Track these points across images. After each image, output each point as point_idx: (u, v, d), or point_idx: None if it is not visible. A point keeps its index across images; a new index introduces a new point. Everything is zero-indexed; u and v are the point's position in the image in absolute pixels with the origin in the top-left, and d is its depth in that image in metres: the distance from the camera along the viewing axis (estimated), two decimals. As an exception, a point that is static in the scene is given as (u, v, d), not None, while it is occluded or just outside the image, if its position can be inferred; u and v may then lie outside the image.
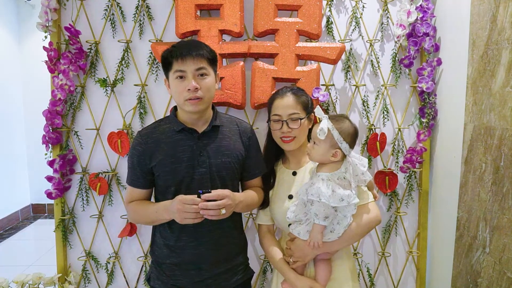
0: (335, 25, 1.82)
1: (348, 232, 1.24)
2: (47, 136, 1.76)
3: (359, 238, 1.33)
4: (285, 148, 1.40)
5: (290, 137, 1.35)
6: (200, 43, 1.30)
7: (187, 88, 1.23)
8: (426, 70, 1.76)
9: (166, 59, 1.26)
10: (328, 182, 1.19)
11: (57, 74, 1.74)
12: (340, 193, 1.17)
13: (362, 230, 1.27)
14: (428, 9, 1.73)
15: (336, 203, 1.17)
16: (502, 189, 1.24)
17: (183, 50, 1.23)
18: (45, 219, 4.45)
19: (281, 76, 1.71)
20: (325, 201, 1.15)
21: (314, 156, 1.25)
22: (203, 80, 1.26)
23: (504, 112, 1.25)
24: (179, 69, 1.24)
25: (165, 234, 1.33)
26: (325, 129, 1.18)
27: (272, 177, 1.45)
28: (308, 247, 1.24)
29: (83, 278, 1.88)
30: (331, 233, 1.23)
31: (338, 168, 1.23)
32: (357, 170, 1.26)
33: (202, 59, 1.25)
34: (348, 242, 1.28)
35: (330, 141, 1.21)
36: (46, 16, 1.69)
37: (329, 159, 1.23)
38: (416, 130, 1.87)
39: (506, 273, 1.21)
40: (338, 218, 1.22)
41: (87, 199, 1.86)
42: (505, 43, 1.25)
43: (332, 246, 1.26)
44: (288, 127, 1.34)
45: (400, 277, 1.95)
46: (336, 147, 1.22)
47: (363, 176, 1.27)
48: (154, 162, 1.30)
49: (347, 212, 1.21)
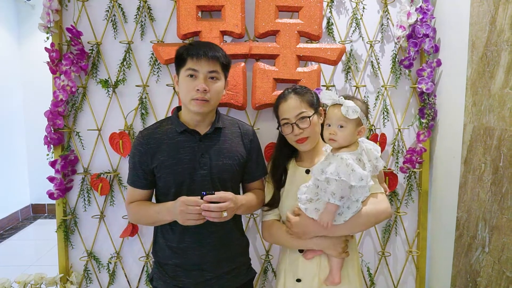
0: (335, 26, 1.83)
1: (355, 219, 1.23)
2: (49, 136, 1.76)
3: (364, 227, 1.29)
4: (302, 149, 1.38)
5: (303, 138, 1.33)
6: (217, 47, 1.30)
7: (196, 88, 1.23)
8: (426, 71, 1.77)
9: (182, 55, 1.26)
10: (348, 161, 1.17)
11: (58, 75, 1.74)
12: (360, 172, 1.15)
13: (369, 220, 1.25)
14: (428, 10, 1.75)
15: (356, 181, 1.14)
16: (501, 189, 1.26)
17: (200, 50, 1.24)
18: (45, 219, 4.45)
19: (282, 77, 1.72)
20: (345, 179, 1.14)
21: (343, 139, 1.21)
22: (213, 83, 1.26)
23: (503, 113, 1.26)
24: (192, 68, 1.24)
25: (167, 235, 1.33)
26: (355, 107, 1.17)
27: (283, 176, 1.42)
28: (313, 225, 1.23)
29: (84, 278, 1.89)
30: (339, 216, 1.22)
31: (355, 149, 1.22)
32: (370, 155, 1.25)
33: (216, 63, 1.26)
34: (353, 230, 1.27)
35: (355, 120, 1.21)
36: (48, 17, 1.69)
37: (355, 138, 1.23)
38: (416, 131, 1.88)
39: (505, 272, 1.22)
40: (349, 201, 1.21)
41: (89, 200, 1.86)
42: (504, 45, 1.26)
43: (336, 231, 1.25)
44: (299, 128, 1.32)
45: (400, 276, 1.96)
46: (361, 124, 1.22)
47: (376, 161, 1.26)
48: (155, 162, 1.30)
49: (359, 195, 1.20)
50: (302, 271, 1.33)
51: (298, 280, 1.33)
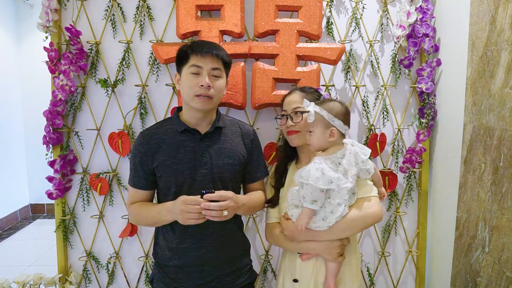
0: (335, 25, 1.83)
1: (340, 224, 1.21)
2: (48, 136, 1.75)
3: (351, 232, 1.25)
4: (292, 143, 1.40)
5: (294, 131, 1.36)
6: (219, 46, 1.32)
7: (200, 84, 1.24)
8: (425, 71, 1.77)
9: (185, 52, 1.27)
10: (318, 165, 1.17)
11: (57, 74, 1.74)
12: (330, 175, 1.15)
13: (355, 224, 1.22)
14: (427, 10, 1.74)
15: (324, 185, 1.14)
16: (501, 189, 1.25)
17: (204, 47, 1.25)
18: (44, 219, 4.44)
19: (282, 76, 1.71)
20: (312, 182, 1.14)
21: (314, 143, 1.25)
22: (216, 80, 1.28)
23: (503, 113, 1.26)
24: (197, 64, 1.25)
25: (168, 236, 1.32)
26: (312, 111, 1.20)
27: (284, 176, 1.44)
28: (298, 230, 1.23)
29: (84, 278, 1.88)
30: (323, 221, 1.21)
31: (334, 153, 1.22)
32: (357, 158, 1.24)
33: (219, 60, 1.28)
34: (339, 234, 1.23)
35: (322, 123, 1.22)
36: (47, 16, 1.69)
37: (327, 141, 1.23)
38: (416, 131, 1.88)
39: (505, 272, 1.22)
40: (331, 206, 1.20)
41: (88, 200, 1.86)
42: (504, 44, 1.26)
43: (321, 236, 1.23)
44: (292, 121, 1.36)
45: (399, 276, 1.96)
46: (330, 126, 1.22)
47: (363, 165, 1.24)
48: (156, 163, 1.29)
49: (339, 198, 1.18)
50: (299, 271, 1.34)
51: (295, 280, 1.34)
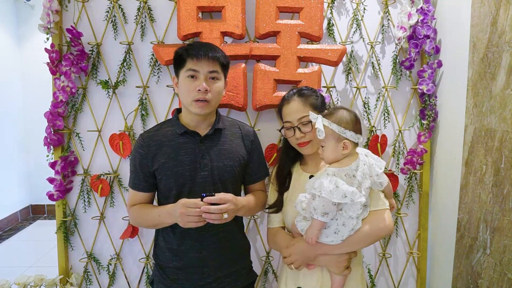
0: (336, 27, 1.83)
1: (353, 237, 1.18)
2: (49, 137, 1.75)
3: (364, 245, 1.24)
4: (304, 153, 1.35)
5: (305, 142, 1.30)
6: (216, 47, 1.29)
7: (198, 89, 1.23)
8: (426, 72, 1.77)
9: (181, 56, 1.26)
10: (332, 177, 1.14)
11: (58, 75, 1.74)
12: (344, 189, 1.11)
13: (369, 238, 1.20)
14: (428, 11, 1.74)
15: (338, 199, 1.11)
16: (503, 191, 1.25)
17: (200, 50, 1.23)
18: (45, 220, 4.44)
19: (283, 78, 1.71)
20: (326, 195, 1.10)
21: (327, 157, 1.21)
22: (214, 83, 1.26)
23: (504, 115, 1.26)
24: (193, 68, 1.23)
25: (168, 238, 1.32)
26: (321, 127, 1.16)
27: (288, 179, 1.38)
28: (309, 248, 1.20)
29: (84, 280, 1.88)
30: (335, 235, 1.18)
31: (348, 165, 1.18)
32: (372, 171, 1.21)
33: (216, 63, 1.25)
34: (351, 248, 1.21)
35: (333, 137, 1.18)
36: (48, 18, 1.69)
37: (341, 154, 1.19)
38: (417, 132, 1.88)
39: (507, 274, 1.22)
40: (343, 218, 1.17)
41: (89, 201, 1.86)
42: (506, 46, 1.26)
43: (333, 249, 1.20)
44: (301, 132, 1.29)
45: (400, 278, 1.95)
46: (342, 139, 1.18)
47: (378, 178, 1.21)
48: (156, 165, 1.29)
49: (352, 212, 1.16)
50: (303, 279, 1.30)
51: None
